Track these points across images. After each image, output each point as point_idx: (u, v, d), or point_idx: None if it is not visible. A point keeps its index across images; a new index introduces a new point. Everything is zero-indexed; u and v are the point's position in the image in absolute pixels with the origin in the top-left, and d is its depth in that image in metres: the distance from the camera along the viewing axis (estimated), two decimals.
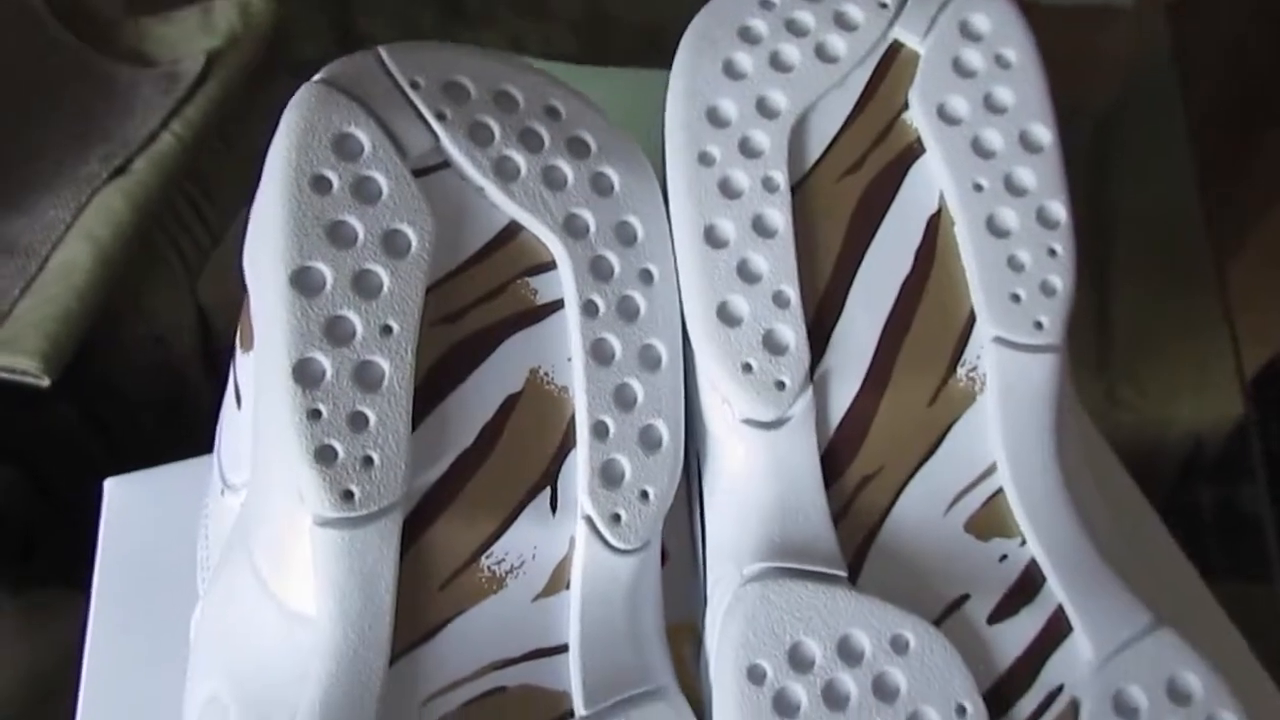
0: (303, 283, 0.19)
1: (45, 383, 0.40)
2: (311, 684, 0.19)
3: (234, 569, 0.21)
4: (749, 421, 0.21)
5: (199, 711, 0.20)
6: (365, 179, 0.20)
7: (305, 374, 0.19)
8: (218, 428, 0.25)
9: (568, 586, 0.21)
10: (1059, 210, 0.22)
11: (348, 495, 0.19)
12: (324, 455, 0.19)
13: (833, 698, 0.20)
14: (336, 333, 0.19)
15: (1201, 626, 0.22)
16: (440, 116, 0.21)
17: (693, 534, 0.24)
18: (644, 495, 0.21)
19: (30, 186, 0.52)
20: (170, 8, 0.60)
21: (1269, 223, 0.61)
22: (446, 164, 0.21)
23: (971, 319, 0.22)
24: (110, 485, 0.35)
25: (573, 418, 0.21)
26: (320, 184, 0.20)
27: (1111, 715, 0.20)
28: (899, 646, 0.20)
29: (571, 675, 0.21)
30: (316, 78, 0.20)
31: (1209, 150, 0.51)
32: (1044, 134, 0.22)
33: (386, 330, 0.20)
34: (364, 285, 0.20)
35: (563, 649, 0.21)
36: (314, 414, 0.19)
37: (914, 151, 0.23)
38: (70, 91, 0.56)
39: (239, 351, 0.23)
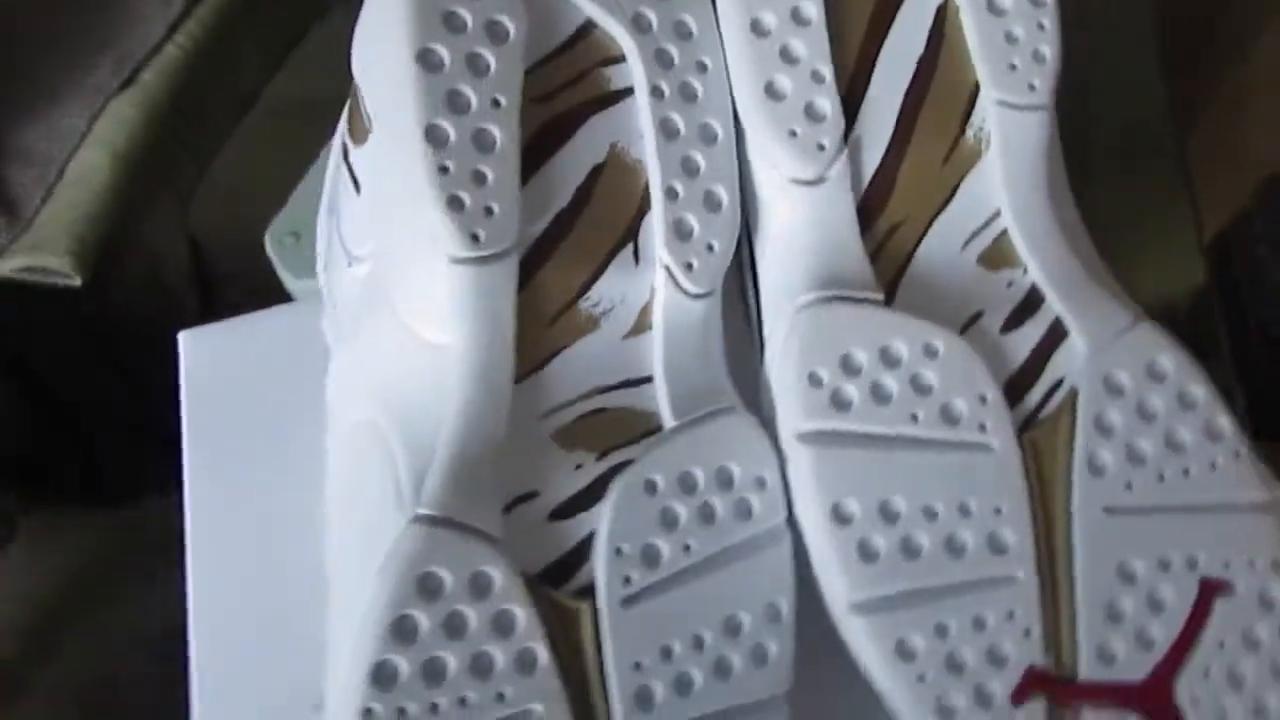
0: (427, 61, 0.23)
1: (77, 281, 0.42)
2: (454, 397, 0.23)
3: (374, 317, 0.24)
4: (795, 180, 0.25)
5: (349, 435, 0.24)
6: None
7: (434, 136, 0.23)
8: (330, 215, 0.28)
9: (650, 328, 0.25)
10: None
11: (475, 238, 0.23)
12: (454, 204, 0.23)
13: (878, 394, 0.24)
14: (456, 103, 0.23)
15: None
16: None
17: (744, 291, 0.28)
18: (710, 248, 0.25)
19: (41, 96, 0.53)
20: None
21: (1230, 84, 0.66)
22: None
23: (976, 88, 0.26)
24: (184, 338, 0.37)
25: (647, 185, 0.25)
26: None
27: (1103, 394, 0.25)
28: (930, 352, 0.24)
29: (659, 397, 0.25)
30: None
31: (1172, 8, 0.55)
32: None
33: (495, 103, 0.23)
34: (475, 65, 0.23)
35: (649, 379, 0.25)
36: (443, 169, 0.23)
37: None
38: (67, 3, 0.57)
39: (351, 146, 0.26)
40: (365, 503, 0.23)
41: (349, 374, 0.25)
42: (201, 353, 0.36)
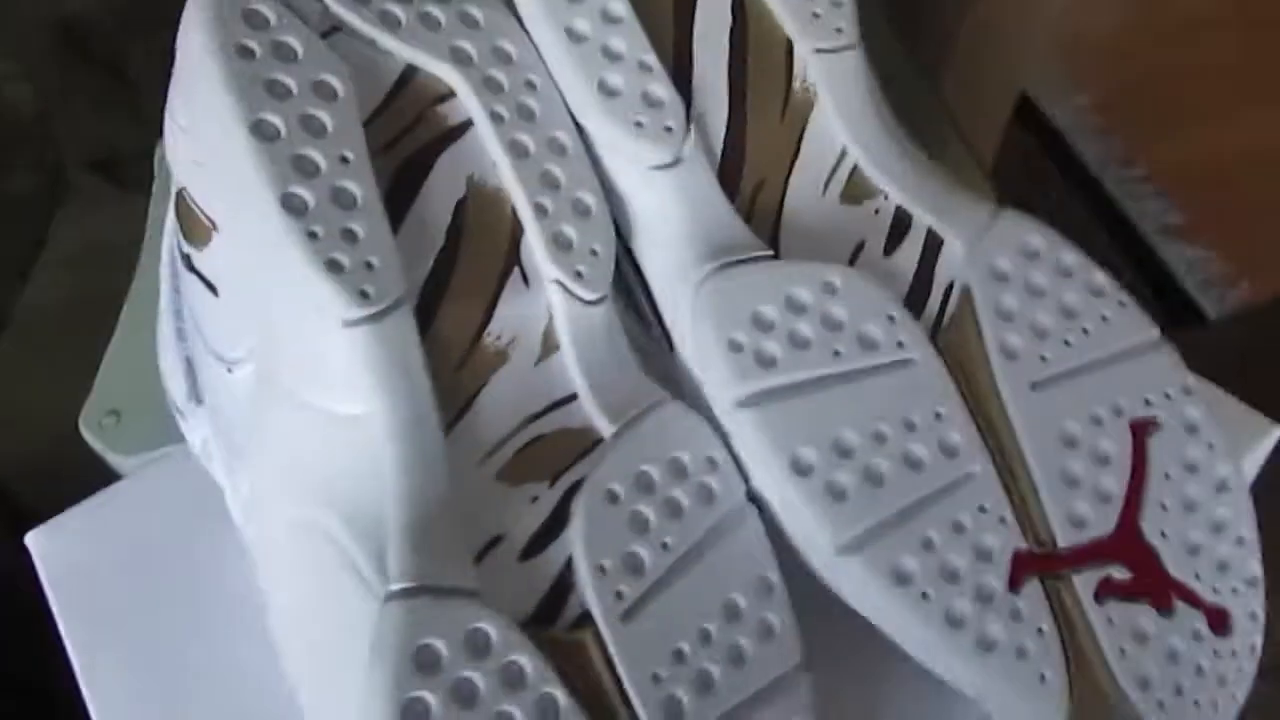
0: (262, 132, 0.22)
1: None
2: (387, 464, 0.21)
3: (274, 412, 0.23)
4: (655, 167, 0.26)
5: (285, 542, 0.22)
6: (279, 43, 0.23)
7: (292, 205, 0.21)
8: (180, 342, 0.26)
9: (559, 347, 0.25)
10: None
11: (364, 294, 0.22)
12: (333, 266, 0.21)
13: (797, 342, 0.25)
14: (305, 167, 0.22)
15: None
16: None
17: (627, 287, 0.28)
18: (594, 252, 0.25)
19: None
20: None
21: (960, 37, 0.72)
22: (337, 28, 0.24)
23: (789, 44, 0.27)
24: (33, 539, 0.34)
25: (513, 208, 0.25)
26: (245, 52, 0.22)
27: (993, 283, 0.26)
28: (829, 289, 0.25)
29: (589, 411, 0.24)
30: None
31: None
32: None
33: (344, 160, 0.22)
34: (311, 127, 0.22)
35: (573, 397, 0.25)
36: (312, 235, 0.21)
37: None
38: None
39: (194, 252, 0.24)
40: (326, 603, 0.21)
41: (265, 481, 0.23)
42: (56, 549, 0.34)
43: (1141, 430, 0.25)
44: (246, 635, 0.30)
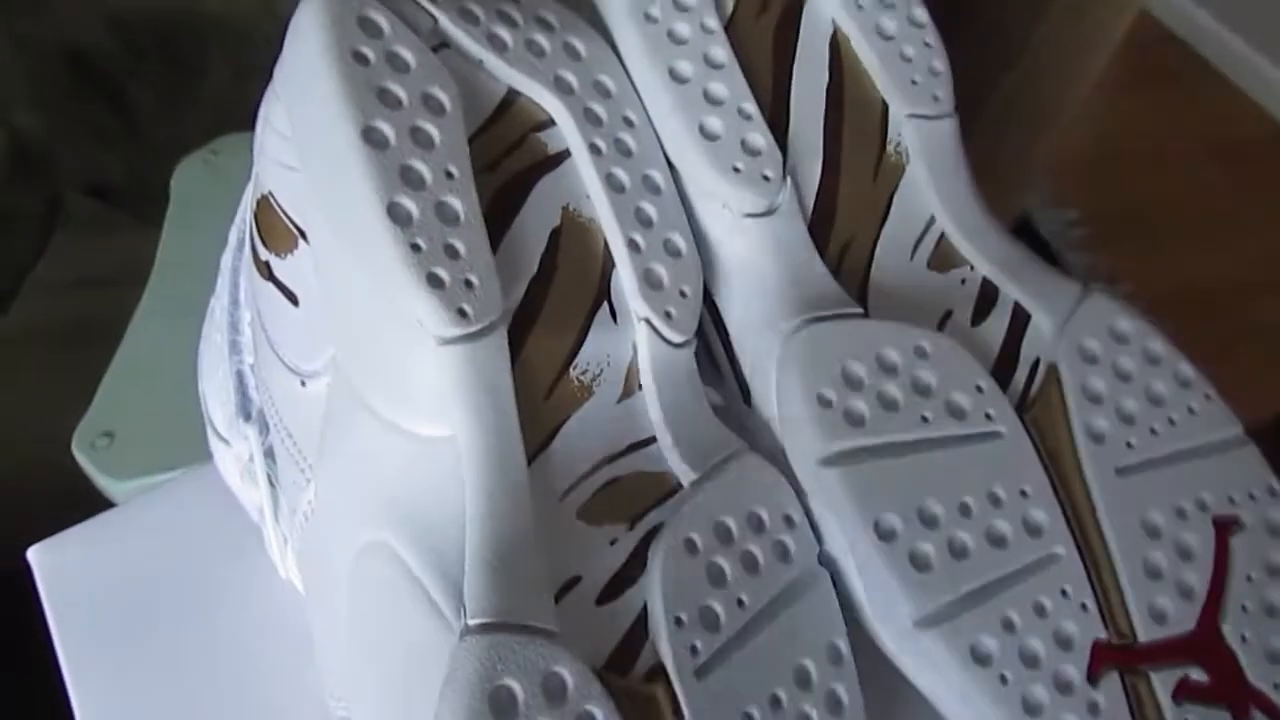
0: (372, 139, 0.21)
1: None
2: (471, 492, 0.20)
3: (349, 429, 0.22)
4: (749, 215, 0.25)
5: (351, 566, 0.21)
6: (393, 53, 0.22)
7: (397, 215, 0.21)
8: (233, 355, 0.25)
9: (641, 387, 0.24)
10: (921, 14, 0.28)
11: (462, 313, 0.21)
12: (434, 281, 0.21)
13: (886, 403, 0.24)
14: (411, 178, 0.21)
15: None
16: (433, 1, 0.23)
17: (707, 345, 0.27)
18: (683, 294, 0.24)
19: None
20: None
21: (975, 132, 0.74)
22: (446, 44, 0.24)
23: (885, 107, 0.27)
24: (34, 553, 0.33)
25: (605, 242, 0.24)
26: (360, 58, 0.22)
27: (1081, 364, 0.25)
28: (921, 353, 0.25)
29: (668, 455, 0.23)
30: None
31: None
32: None
33: (449, 174, 0.22)
34: (420, 138, 0.22)
35: (652, 439, 0.24)
36: (415, 247, 0.21)
37: None
38: None
39: (272, 258, 0.23)
40: (393, 631, 0.20)
41: (333, 500, 0.22)
42: (56, 565, 0.33)
43: (1224, 528, 0.25)
44: (239, 664, 0.29)
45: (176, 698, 0.29)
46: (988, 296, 0.26)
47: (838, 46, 0.27)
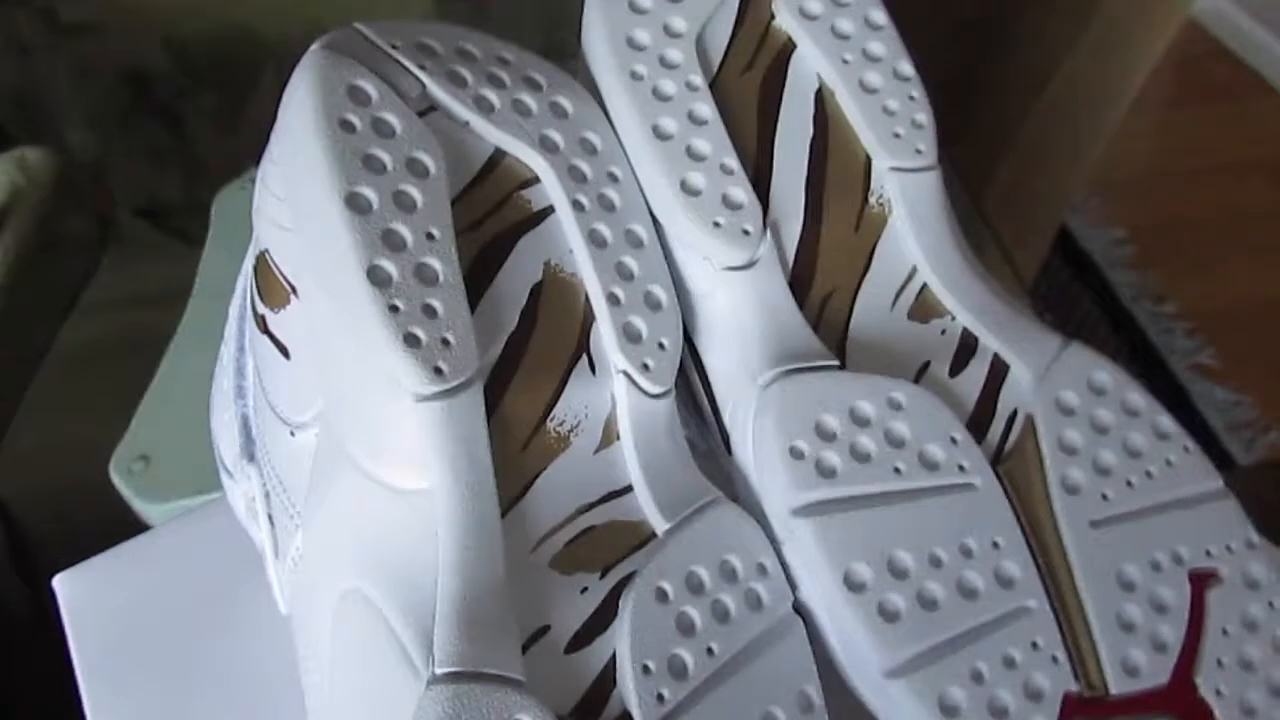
0: (355, 205, 0.22)
1: None
2: (445, 544, 0.21)
3: (335, 480, 0.23)
4: (729, 268, 0.26)
5: (333, 612, 0.22)
6: (380, 119, 0.23)
7: (377, 277, 0.22)
8: (238, 399, 0.27)
9: (618, 437, 0.25)
10: (907, 68, 0.28)
11: (438, 371, 0.22)
12: (411, 340, 0.22)
13: (858, 455, 0.24)
14: (392, 241, 0.22)
15: None
16: (422, 67, 0.25)
17: (687, 384, 0.28)
18: (661, 345, 0.25)
19: None
20: None
21: (1006, 159, 0.73)
22: (434, 108, 0.25)
23: (868, 160, 0.28)
24: (59, 582, 0.35)
25: (587, 296, 0.25)
26: (347, 125, 0.23)
27: (1058, 417, 0.26)
28: (895, 405, 0.25)
29: (644, 505, 0.24)
30: (315, 46, 0.23)
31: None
32: (879, 16, 0.29)
33: (430, 236, 0.23)
34: (403, 202, 0.23)
35: (629, 489, 0.24)
36: (393, 308, 0.22)
37: (789, 48, 0.28)
38: None
39: (268, 313, 0.25)
40: (367, 678, 0.21)
41: (317, 548, 0.23)
42: (80, 594, 0.34)
43: (1201, 582, 0.25)
44: (256, 693, 0.30)
45: None
46: (967, 347, 0.27)
47: (822, 100, 0.28)
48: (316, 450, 0.23)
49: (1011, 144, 0.79)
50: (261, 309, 0.25)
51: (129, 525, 0.48)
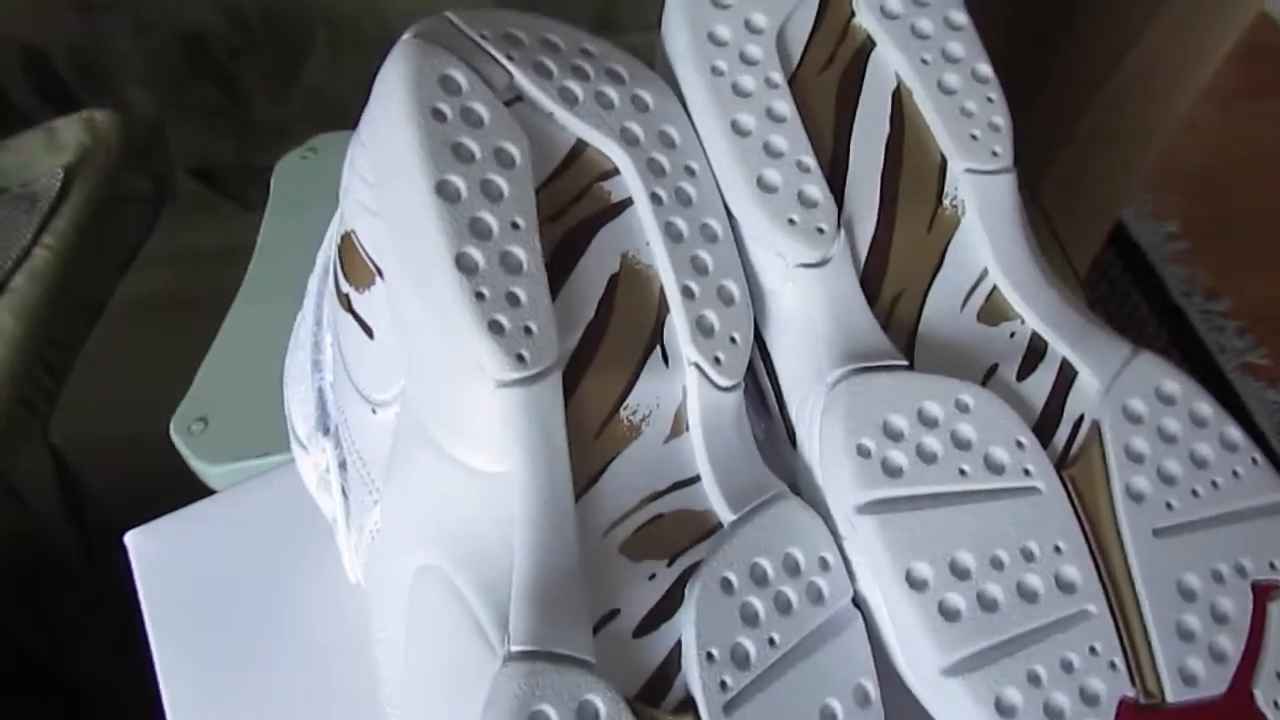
0: (445, 192, 0.23)
1: None
2: (521, 526, 0.22)
3: (413, 458, 0.23)
4: (802, 265, 0.26)
5: (409, 587, 0.23)
6: (469, 109, 0.24)
7: (465, 264, 0.22)
8: (315, 372, 0.27)
9: (688, 428, 0.25)
10: (985, 69, 0.28)
11: (520, 358, 0.22)
12: (495, 327, 0.22)
13: (924, 455, 0.25)
14: (479, 230, 0.23)
15: None
16: (509, 58, 0.25)
17: (754, 378, 0.28)
18: (733, 340, 0.26)
19: None
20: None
21: (1065, 147, 0.73)
22: (520, 98, 0.25)
23: (944, 160, 0.28)
24: (132, 538, 0.36)
25: (661, 289, 0.25)
26: (438, 114, 0.23)
27: (1125, 424, 0.26)
28: (962, 407, 0.25)
29: (710, 495, 0.25)
30: (407, 35, 0.24)
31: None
32: (960, 17, 0.29)
33: (515, 226, 0.23)
34: (490, 191, 0.23)
35: (696, 479, 0.25)
36: (479, 295, 0.22)
37: (868, 47, 0.29)
38: None
39: (352, 292, 0.25)
40: (443, 653, 0.22)
41: (394, 524, 0.24)
42: (151, 551, 0.35)
43: (1264, 594, 0.25)
44: (321, 655, 0.31)
45: (261, 683, 0.31)
46: (1035, 351, 0.27)
47: (900, 100, 0.28)
48: (397, 428, 0.24)
49: (1072, 134, 0.78)
50: (346, 288, 0.26)
51: (180, 476, 0.50)
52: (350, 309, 0.26)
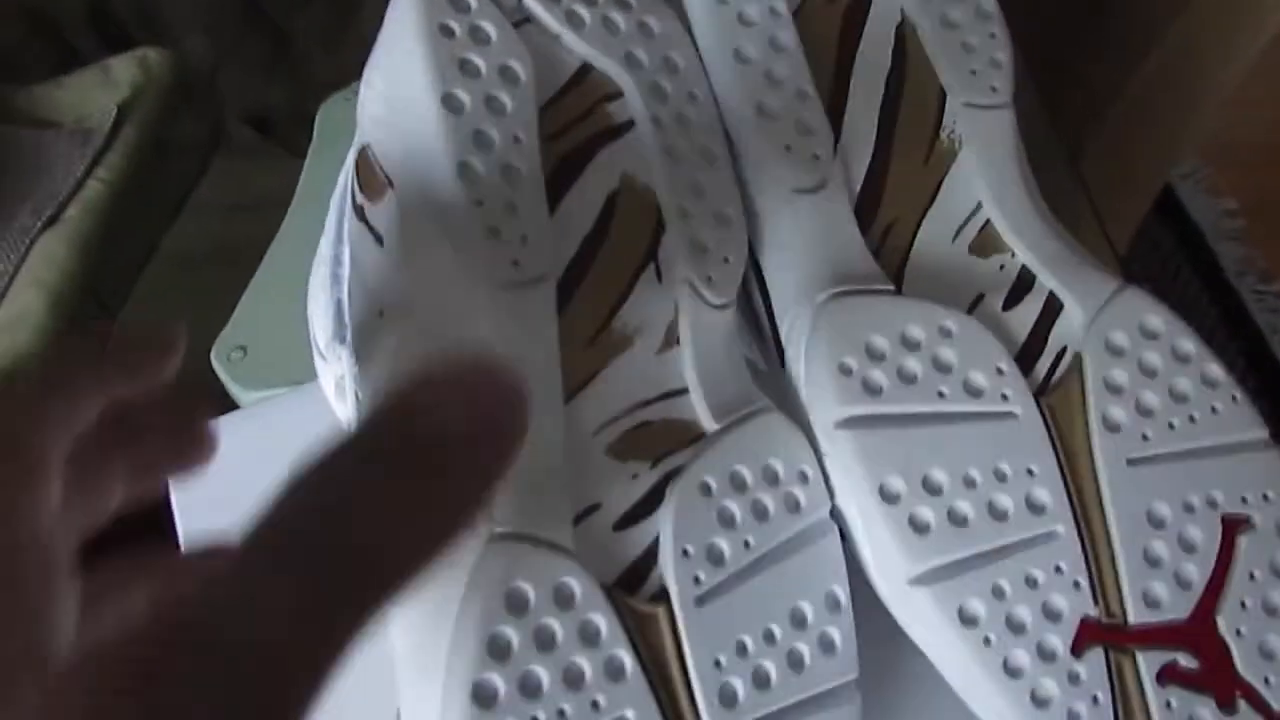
0: (450, 104, 0.24)
1: None
2: None
3: (414, 361, 0.25)
4: (798, 189, 0.27)
5: None
6: (477, 27, 0.25)
7: (466, 174, 0.24)
8: (334, 285, 0.29)
9: (679, 342, 0.26)
10: (989, 5, 0.29)
11: (515, 264, 0.23)
12: (492, 233, 0.23)
13: (904, 376, 0.26)
14: (482, 141, 0.24)
15: None
16: None
17: (748, 299, 0.29)
18: (725, 260, 0.27)
19: None
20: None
21: (1111, 112, 0.72)
22: (528, 19, 0.26)
23: (943, 94, 0.28)
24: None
25: (659, 208, 0.26)
26: (446, 30, 0.24)
27: (1106, 356, 0.26)
28: (944, 332, 0.26)
29: (697, 406, 0.26)
30: None
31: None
32: None
33: (516, 140, 0.24)
34: (494, 106, 0.24)
35: (684, 390, 0.26)
36: (478, 202, 0.23)
37: None
38: None
39: (368, 205, 0.27)
40: None
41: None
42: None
43: (1233, 527, 0.26)
44: None
45: None
46: (1023, 283, 0.28)
47: (903, 34, 0.29)
48: (399, 333, 0.26)
49: (1119, 99, 0.77)
50: (360, 200, 0.27)
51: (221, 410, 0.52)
52: (364, 219, 0.27)
